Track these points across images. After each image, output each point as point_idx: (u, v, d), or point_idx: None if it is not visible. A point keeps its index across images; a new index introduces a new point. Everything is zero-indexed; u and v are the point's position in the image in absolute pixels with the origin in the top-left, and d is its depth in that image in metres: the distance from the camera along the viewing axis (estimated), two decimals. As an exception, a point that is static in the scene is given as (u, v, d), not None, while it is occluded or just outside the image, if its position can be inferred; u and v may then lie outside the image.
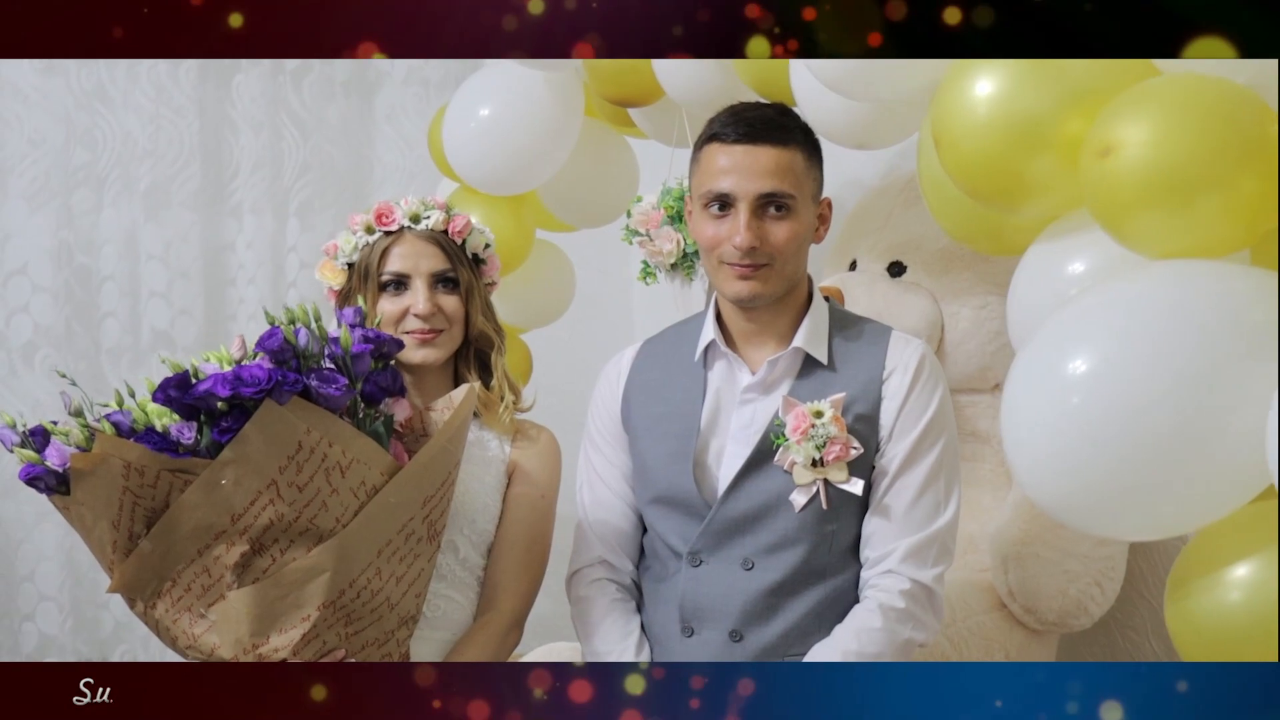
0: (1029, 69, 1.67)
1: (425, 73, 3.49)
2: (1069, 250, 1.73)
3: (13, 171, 2.96)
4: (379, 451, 1.81)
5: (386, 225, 2.13)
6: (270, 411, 1.70)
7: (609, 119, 2.88)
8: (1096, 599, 2.37)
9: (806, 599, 1.99)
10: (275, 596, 1.75)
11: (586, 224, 3.03)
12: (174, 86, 3.11)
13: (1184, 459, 1.43)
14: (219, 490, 1.71)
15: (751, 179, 1.95)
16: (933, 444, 2.00)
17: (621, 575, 2.14)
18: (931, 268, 2.58)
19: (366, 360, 1.80)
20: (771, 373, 2.03)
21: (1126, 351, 1.46)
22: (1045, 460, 1.50)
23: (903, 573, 1.97)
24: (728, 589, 1.99)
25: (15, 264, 2.96)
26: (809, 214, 2.01)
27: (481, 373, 2.18)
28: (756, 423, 2.02)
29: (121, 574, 1.77)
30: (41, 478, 1.75)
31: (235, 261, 3.24)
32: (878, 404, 2.00)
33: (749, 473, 1.99)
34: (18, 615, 2.97)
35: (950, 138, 1.73)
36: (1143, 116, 1.50)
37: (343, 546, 1.77)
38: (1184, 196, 1.47)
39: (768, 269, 1.98)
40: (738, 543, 2.00)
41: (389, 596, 1.84)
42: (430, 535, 1.88)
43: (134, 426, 1.73)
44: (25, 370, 2.96)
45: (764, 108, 2.04)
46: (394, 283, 2.11)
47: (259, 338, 1.75)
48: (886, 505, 1.99)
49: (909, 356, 2.02)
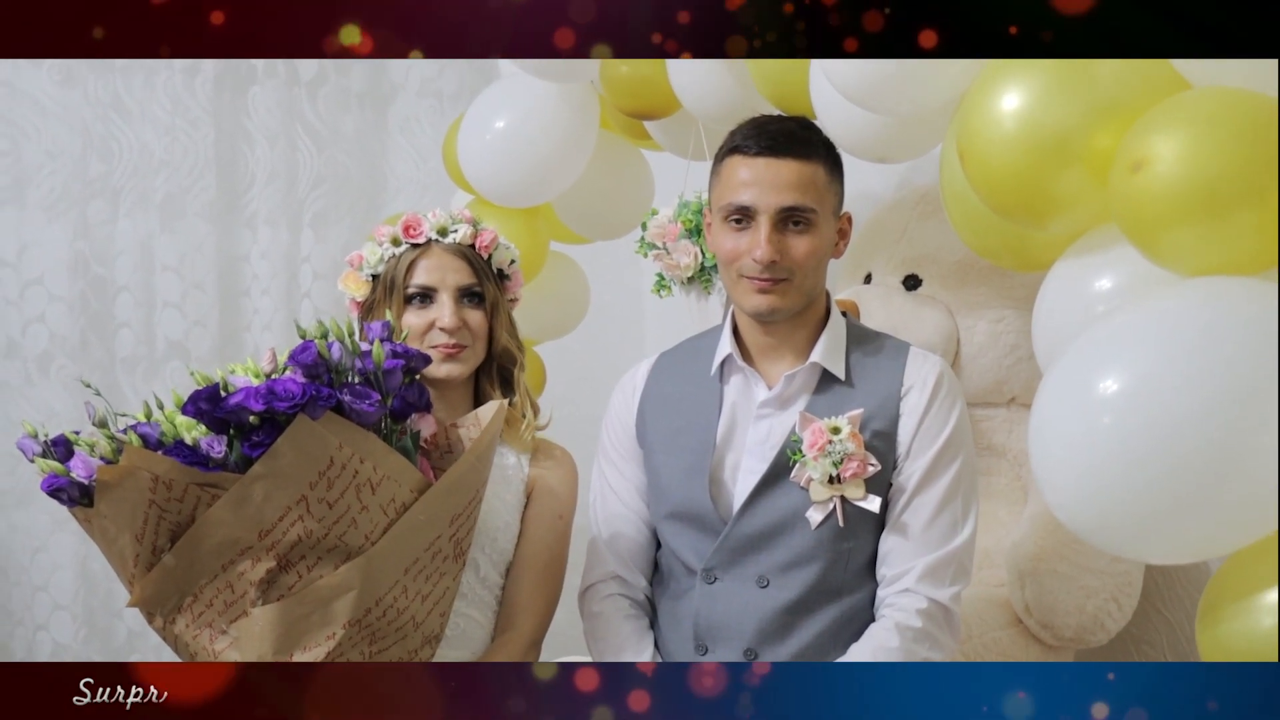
0: (1057, 81, 1.66)
1: (440, 84, 3.49)
2: (1097, 266, 1.72)
3: (30, 182, 2.96)
4: (409, 468, 1.79)
5: (414, 238, 2.12)
6: (303, 426, 1.68)
7: (624, 132, 2.88)
8: (1113, 614, 2.35)
9: (822, 617, 1.97)
10: (300, 614, 1.73)
11: (601, 236, 3.03)
12: (190, 98, 3.12)
13: (1217, 481, 1.41)
14: (248, 505, 1.69)
15: (773, 192, 1.94)
16: (950, 461, 1.98)
17: (635, 591, 2.13)
18: (947, 281, 2.57)
19: (398, 376, 1.79)
20: (788, 388, 2.02)
21: (1159, 371, 1.44)
22: (1075, 481, 1.48)
23: (920, 591, 1.95)
24: (743, 607, 1.98)
25: (32, 274, 2.96)
26: (829, 229, 2.00)
27: (503, 389, 2.17)
28: (773, 438, 2.01)
29: (142, 588, 1.75)
30: (65, 489, 1.72)
31: (250, 272, 3.24)
32: (895, 420, 1.99)
33: (765, 489, 1.98)
34: (32, 624, 2.96)
35: (976, 151, 1.72)
36: (1175, 130, 1.49)
37: (370, 564, 1.75)
38: (1217, 212, 1.45)
39: (787, 283, 1.97)
40: (753, 560, 1.99)
41: (414, 615, 1.82)
42: (456, 554, 1.86)
43: (162, 439, 1.71)
44: (41, 379, 2.96)
45: (786, 121, 2.03)
46: (420, 296, 2.10)
47: (291, 351, 1.73)
48: (904, 523, 1.98)
49: (927, 372, 2.01)
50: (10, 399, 2.93)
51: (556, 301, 3.05)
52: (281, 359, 1.75)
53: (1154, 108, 1.53)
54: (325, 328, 1.76)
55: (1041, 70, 1.66)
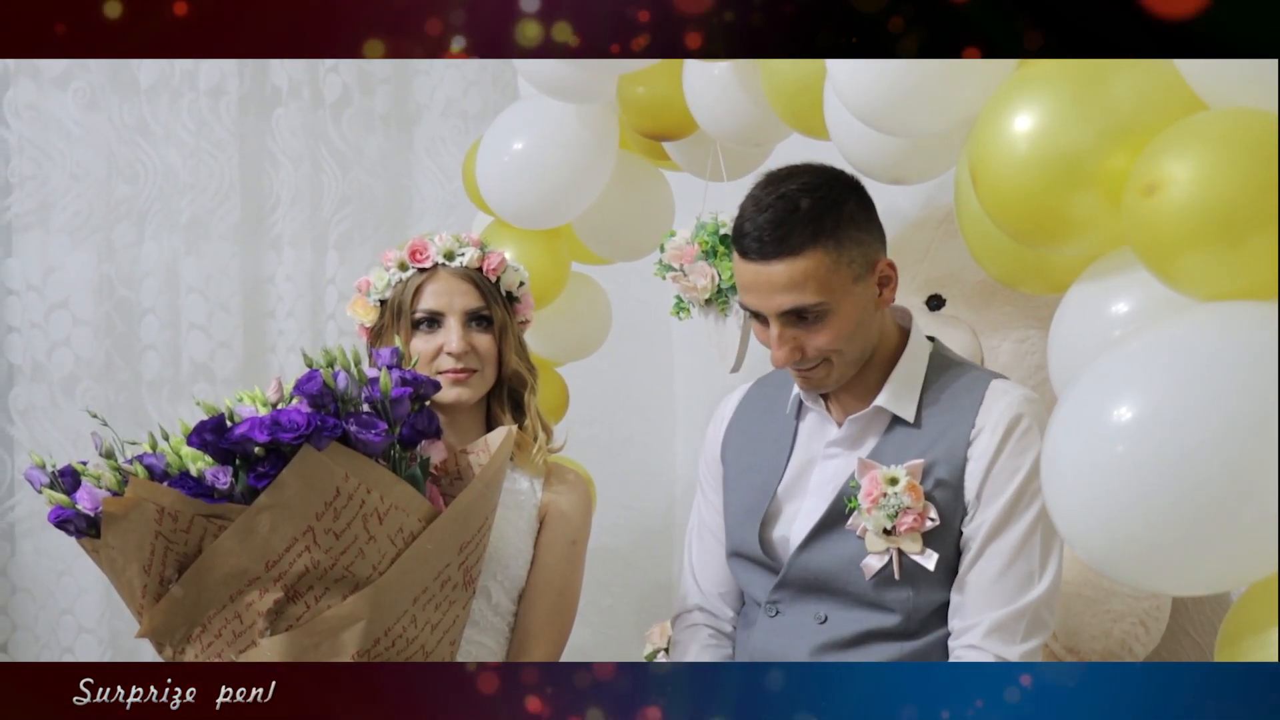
0: (1070, 103, 1.62)
1: (464, 105, 3.49)
2: (1113, 290, 1.69)
3: (55, 206, 2.97)
4: (417, 498, 1.79)
5: (420, 262, 2.11)
6: (308, 457, 1.68)
7: (644, 152, 2.87)
8: (1141, 639, 2.32)
9: (875, 654, 1.91)
10: (309, 645, 1.73)
11: (622, 257, 3.02)
12: (214, 120, 3.13)
13: (1233, 511, 1.37)
14: (255, 536, 1.69)
15: (769, 296, 1.87)
16: (1025, 510, 1.89)
17: (720, 622, 2.11)
18: (971, 301, 2.55)
19: (405, 404, 1.78)
20: (855, 429, 1.96)
21: (1173, 398, 1.41)
22: (1088, 511, 1.45)
23: (987, 649, 1.86)
24: (800, 640, 1.94)
25: (57, 297, 2.97)
26: (852, 304, 1.89)
27: (514, 412, 2.15)
28: (838, 479, 1.95)
29: (151, 619, 1.76)
30: (71, 520, 1.73)
31: (275, 294, 3.24)
32: (962, 467, 1.90)
33: (821, 532, 1.94)
34: (58, 647, 2.97)
35: (988, 174, 1.69)
36: (1189, 152, 1.45)
37: (379, 594, 1.74)
38: (1233, 236, 1.41)
39: (825, 365, 1.90)
40: (814, 598, 1.94)
41: (424, 645, 1.81)
42: (466, 582, 1.86)
43: (167, 470, 1.71)
44: (67, 403, 2.97)
45: (777, 205, 1.88)
46: (427, 320, 2.09)
47: (297, 381, 1.73)
48: (973, 577, 1.89)
49: (1000, 412, 1.91)
50: (36, 422, 2.94)
51: (578, 323, 3.04)
52: (287, 388, 1.75)
53: (1168, 129, 1.50)
54: (332, 356, 1.76)
55: (1054, 91, 1.63)
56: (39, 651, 2.95)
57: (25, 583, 2.96)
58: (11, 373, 2.95)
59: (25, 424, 2.94)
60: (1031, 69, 1.69)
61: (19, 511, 2.95)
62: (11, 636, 2.96)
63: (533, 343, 2.94)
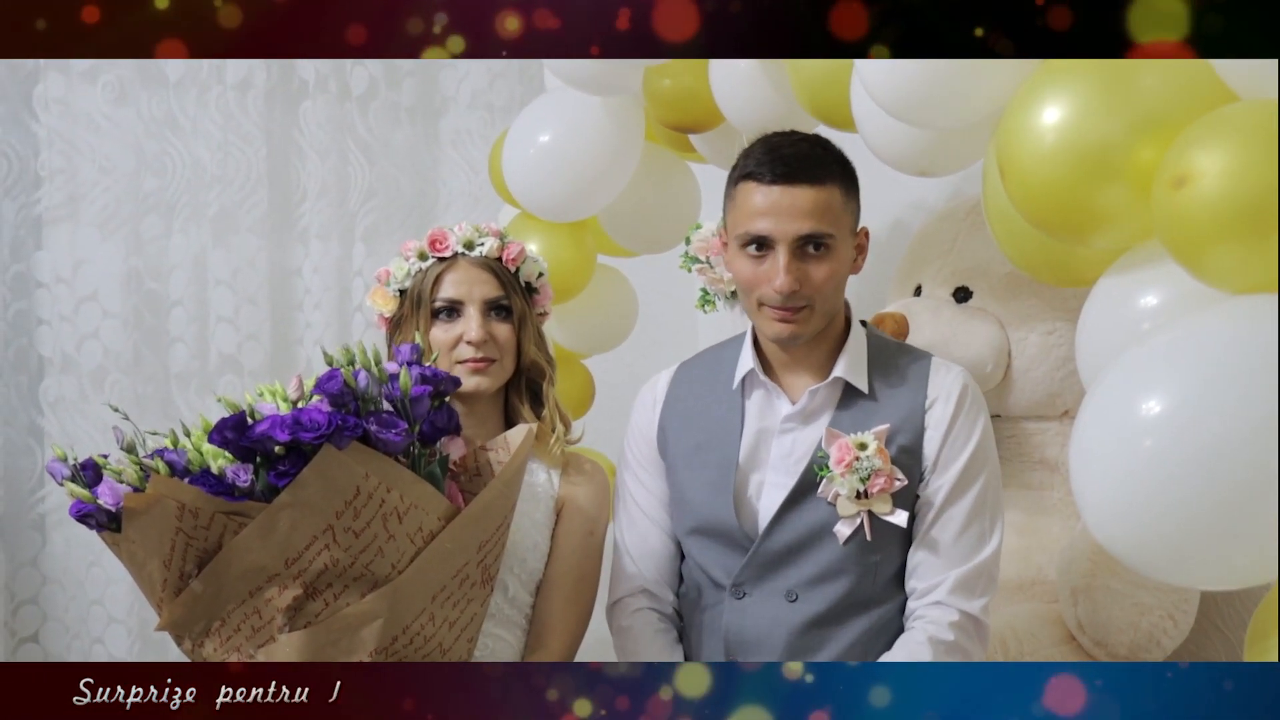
0: (1098, 94, 1.62)
1: (489, 97, 3.50)
2: (1141, 283, 1.68)
3: (84, 199, 2.99)
4: (436, 496, 1.79)
5: (440, 252, 2.12)
6: (329, 456, 1.68)
7: (670, 144, 2.86)
8: (1169, 632, 2.31)
9: (851, 629, 1.97)
10: (326, 641, 1.73)
11: (647, 250, 3.02)
12: (242, 114, 3.15)
13: (1262, 505, 1.37)
14: (275, 534, 1.69)
15: (790, 220, 1.92)
16: (977, 473, 1.98)
17: (663, 605, 2.12)
18: (998, 293, 2.54)
19: (425, 402, 1.78)
20: (812, 402, 2.01)
21: (1202, 392, 1.40)
22: (1116, 506, 1.45)
23: (951, 604, 1.95)
24: (772, 621, 1.98)
25: (86, 290, 2.99)
26: (847, 250, 1.98)
27: (533, 403, 2.15)
28: (797, 453, 2.00)
29: (170, 612, 1.76)
30: (92, 515, 1.72)
31: (302, 286, 3.26)
32: (920, 434, 1.98)
33: (792, 505, 1.98)
34: (89, 637, 3.00)
35: (1016, 167, 1.68)
36: (1219, 145, 1.45)
37: (397, 592, 1.74)
38: (1262, 229, 1.41)
39: (807, 310, 1.95)
40: (781, 575, 1.98)
41: (441, 642, 1.81)
42: (484, 579, 1.86)
43: (188, 467, 1.71)
44: (96, 395, 2.99)
45: (799, 142, 1.98)
46: (447, 309, 2.09)
47: (317, 380, 1.73)
48: (933, 537, 1.98)
49: (950, 384, 2.00)
50: (66, 415, 2.97)
51: (604, 315, 3.05)
52: (308, 386, 1.75)
53: (1197, 121, 1.49)
54: (352, 355, 1.76)
55: (1082, 83, 1.62)
56: (69, 641, 2.98)
57: (56, 574, 2.99)
58: (41, 365, 2.98)
59: (55, 416, 2.96)
60: (1059, 61, 1.68)
61: (49, 503, 2.98)
62: (42, 627, 2.99)
63: (558, 335, 2.95)
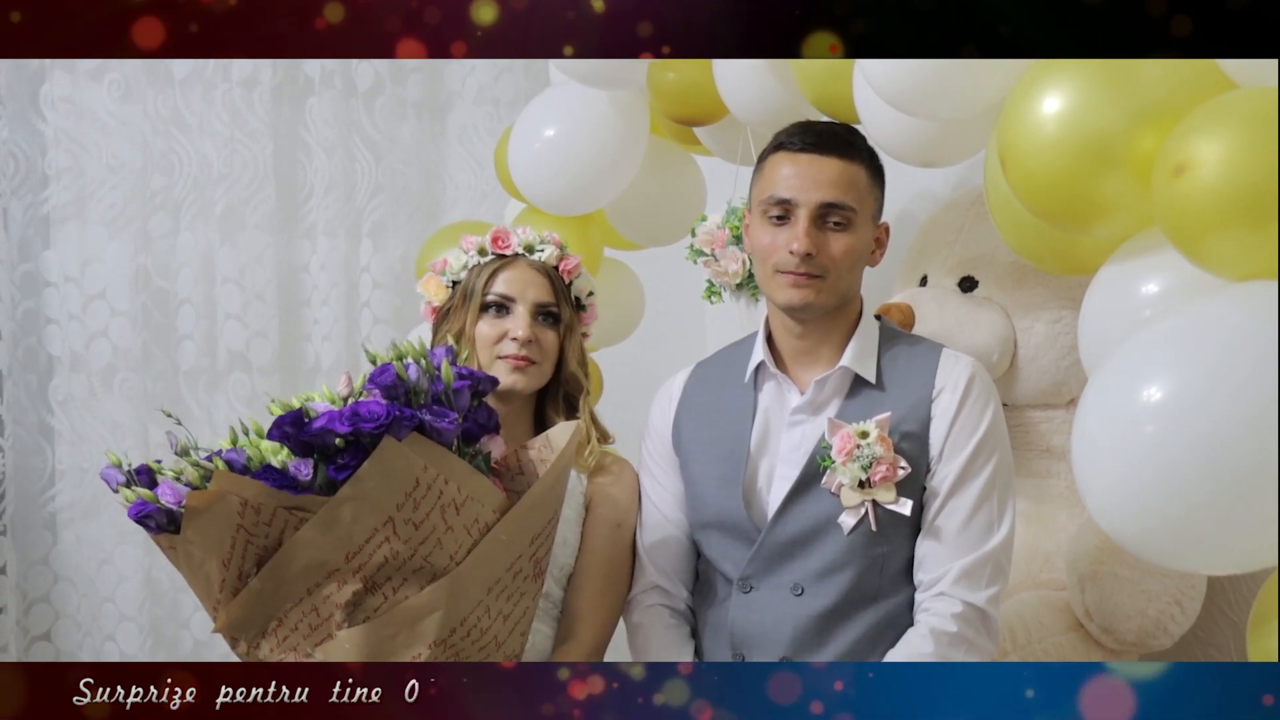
0: (1099, 84, 1.62)
1: (496, 92, 3.50)
2: (1143, 271, 1.69)
3: (92, 197, 3.00)
4: (492, 489, 1.80)
5: (501, 249, 2.16)
6: (389, 448, 1.69)
7: (675, 137, 2.87)
8: (1177, 618, 2.31)
9: (858, 624, 1.97)
10: (386, 635, 1.74)
11: (654, 243, 3.02)
12: (248, 111, 3.15)
13: (1262, 490, 1.37)
14: (336, 527, 1.70)
15: (814, 187, 1.96)
16: (985, 463, 1.98)
17: (676, 601, 2.13)
18: (1004, 282, 2.54)
19: (466, 395, 1.79)
20: (820, 393, 2.02)
21: (1202, 379, 1.41)
22: (1118, 492, 1.45)
23: (955, 595, 1.95)
24: (778, 615, 1.98)
25: (94, 289, 3.00)
26: (867, 232, 2.00)
27: (568, 414, 2.17)
28: (805, 444, 2.01)
29: (229, 613, 1.76)
30: (152, 515, 1.73)
31: (310, 283, 3.27)
32: (927, 423, 1.98)
33: (797, 496, 1.98)
34: (100, 634, 3.01)
35: (1017, 156, 1.69)
36: (1217, 133, 1.45)
37: (455, 584, 1.75)
38: (1262, 216, 1.41)
39: (821, 280, 1.97)
40: (787, 567, 1.99)
41: (496, 635, 1.83)
42: (535, 573, 1.87)
43: (248, 464, 1.71)
44: (105, 393, 3.00)
45: (832, 124, 2.04)
46: (497, 305, 2.12)
47: (369, 374, 1.74)
48: (938, 527, 1.97)
49: (959, 374, 2.00)
50: (75, 413, 2.98)
51: (612, 308, 3.03)
52: (358, 383, 1.76)
53: (1196, 110, 1.50)
54: (400, 350, 1.77)
55: (1083, 72, 1.63)
56: (81, 639, 2.99)
57: (67, 572, 3.00)
58: (50, 364, 2.99)
59: (65, 414, 2.98)
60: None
61: (60, 501, 2.99)
62: (54, 625, 3.00)
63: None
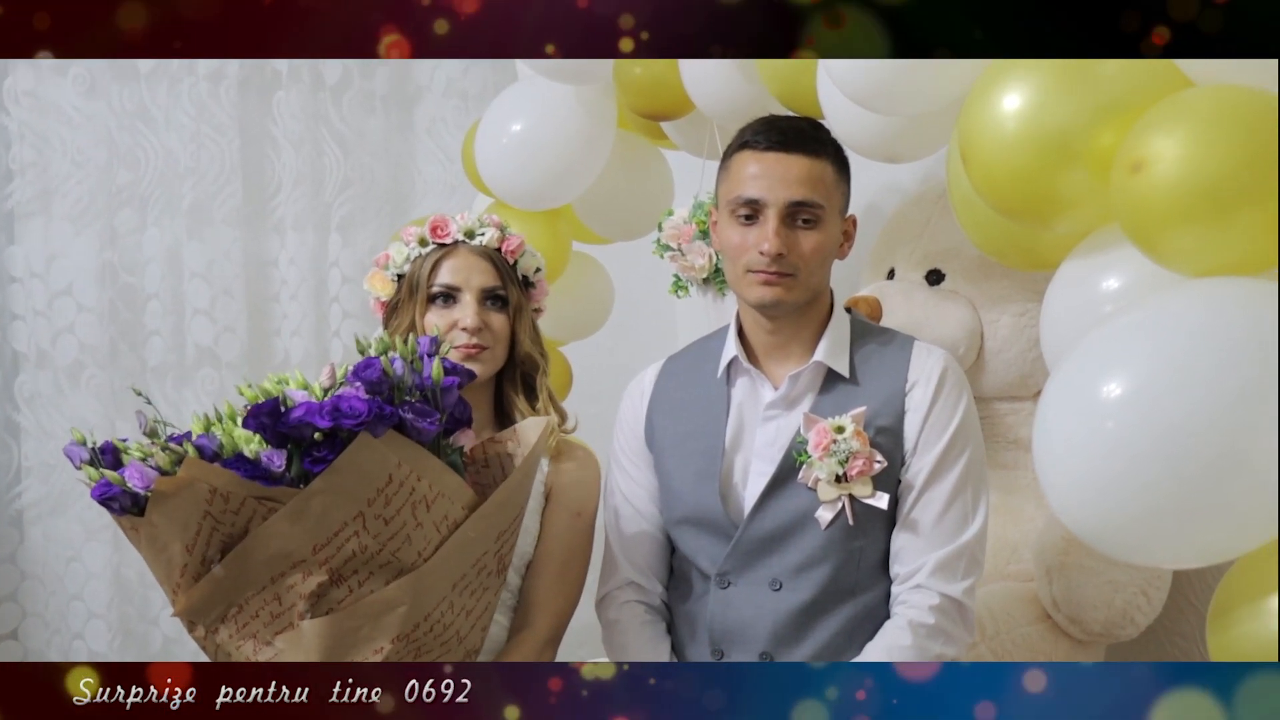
0: (1058, 81, 1.63)
1: (464, 85, 3.50)
2: (1103, 266, 1.70)
3: (57, 193, 2.98)
4: (462, 486, 1.80)
5: (441, 238, 2.14)
6: (365, 444, 1.68)
7: (642, 131, 2.87)
8: (1143, 608, 2.33)
9: (837, 618, 1.97)
10: (350, 627, 1.74)
11: (622, 237, 3.02)
12: (215, 104, 3.14)
13: (1223, 485, 1.39)
14: (306, 519, 1.69)
15: (782, 186, 1.95)
16: (958, 455, 1.98)
17: (651, 597, 2.13)
18: (970, 275, 2.55)
19: (454, 393, 1.79)
20: (793, 388, 2.02)
21: (1163, 374, 1.42)
22: (1078, 486, 1.46)
23: (932, 587, 1.95)
24: (757, 610, 1.98)
25: (60, 284, 2.99)
26: (835, 228, 2.00)
27: (526, 394, 2.17)
28: (780, 439, 2.01)
29: (188, 598, 1.75)
30: (116, 498, 1.71)
31: (278, 277, 3.26)
32: (901, 417, 1.99)
33: (774, 491, 1.98)
34: (69, 633, 3.00)
35: (978, 153, 1.70)
36: (1175, 130, 1.46)
37: (421, 580, 1.75)
38: (1219, 212, 1.42)
39: (792, 279, 1.97)
40: (765, 563, 1.98)
41: (458, 630, 1.83)
42: (499, 569, 1.87)
43: (220, 452, 1.70)
44: (72, 390, 2.99)
45: (796, 119, 2.04)
46: (443, 295, 2.11)
47: (354, 367, 1.73)
48: (914, 519, 1.98)
49: (931, 367, 2.01)
50: (42, 409, 2.97)
51: (581, 302, 3.05)
52: (341, 374, 1.75)
53: (1154, 107, 1.51)
54: (386, 344, 1.76)
55: (1043, 70, 1.63)
56: (49, 637, 2.98)
57: (34, 569, 2.99)
58: (16, 360, 2.98)
59: (31, 411, 2.96)
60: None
61: (26, 498, 2.97)
62: (22, 623, 2.99)
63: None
